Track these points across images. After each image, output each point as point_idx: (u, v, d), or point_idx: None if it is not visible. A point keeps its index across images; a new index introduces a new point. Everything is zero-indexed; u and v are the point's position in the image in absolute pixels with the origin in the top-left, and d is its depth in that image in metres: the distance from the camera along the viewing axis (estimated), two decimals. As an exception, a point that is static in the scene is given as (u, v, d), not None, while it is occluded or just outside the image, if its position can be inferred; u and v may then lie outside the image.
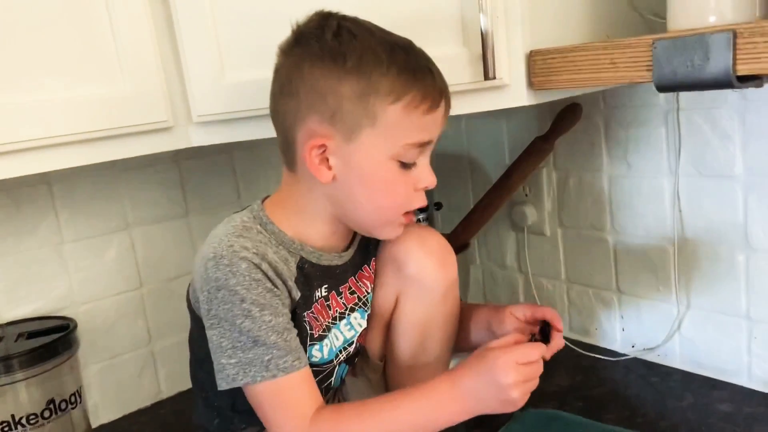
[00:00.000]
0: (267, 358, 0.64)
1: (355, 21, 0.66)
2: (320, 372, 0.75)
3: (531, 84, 0.75)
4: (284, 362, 0.64)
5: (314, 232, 0.72)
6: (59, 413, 0.86)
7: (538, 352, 0.66)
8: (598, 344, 1.13)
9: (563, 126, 1.04)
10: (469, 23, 0.74)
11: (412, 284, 0.77)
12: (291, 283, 0.68)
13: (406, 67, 0.65)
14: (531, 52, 0.75)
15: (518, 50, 0.75)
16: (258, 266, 0.64)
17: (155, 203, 1.09)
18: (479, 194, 1.11)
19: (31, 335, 0.88)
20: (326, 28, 0.64)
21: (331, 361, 0.76)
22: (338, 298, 0.75)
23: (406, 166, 0.68)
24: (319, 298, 0.73)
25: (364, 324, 0.79)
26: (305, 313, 0.71)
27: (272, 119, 0.70)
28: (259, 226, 0.69)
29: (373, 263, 0.80)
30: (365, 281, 0.79)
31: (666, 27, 0.74)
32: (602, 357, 1.09)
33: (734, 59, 0.57)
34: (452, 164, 1.31)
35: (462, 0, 0.73)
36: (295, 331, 0.67)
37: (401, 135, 0.66)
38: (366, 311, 0.79)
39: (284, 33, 0.69)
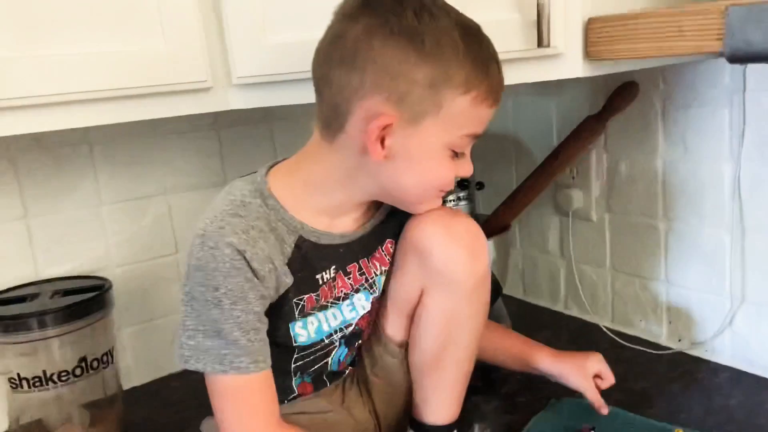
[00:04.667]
0: (224, 352, 0.61)
1: None
2: (311, 353, 0.72)
3: (588, 54, 0.71)
4: (239, 361, 0.62)
5: (322, 208, 0.68)
6: (90, 372, 0.86)
7: None
8: (642, 337, 1.08)
9: (618, 105, 0.99)
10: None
11: (437, 277, 0.69)
12: (283, 268, 0.65)
13: (479, 57, 0.62)
14: (590, 19, 0.70)
15: (576, 17, 0.70)
16: (242, 253, 0.61)
17: (193, 170, 1.08)
18: (523, 175, 1.06)
19: (67, 293, 0.88)
20: (406, 3, 0.60)
21: (321, 341, 0.72)
22: (345, 279, 0.71)
23: (456, 154, 0.65)
24: (327, 280, 0.69)
25: (368, 307, 0.74)
26: (301, 297, 0.68)
27: (319, 84, 0.65)
28: (259, 200, 0.65)
29: (387, 245, 0.75)
30: (376, 263, 0.74)
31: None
32: (646, 350, 1.04)
33: (818, 26, 0.52)
34: (496, 143, 1.26)
35: (518, -39, 0.69)
36: (262, 331, 0.64)
37: (462, 126, 0.63)
38: (372, 294, 0.74)
39: None
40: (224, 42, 0.76)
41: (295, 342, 0.69)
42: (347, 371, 0.79)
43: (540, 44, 0.69)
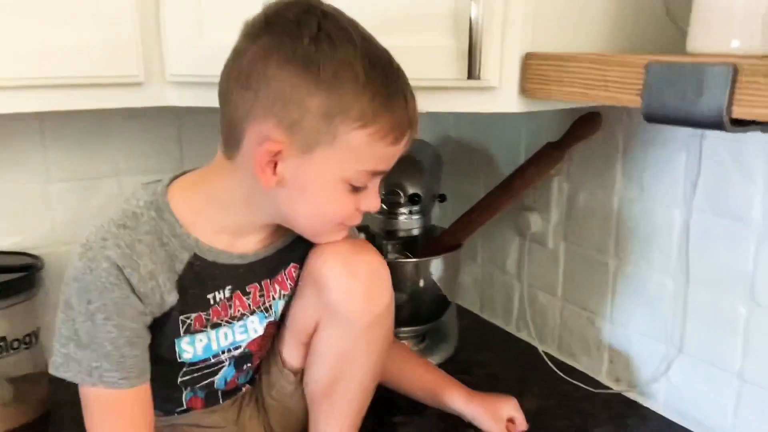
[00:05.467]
0: (94, 365, 0.61)
1: (336, 22, 0.59)
2: (198, 370, 0.71)
3: (523, 90, 0.68)
4: (110, 376, 0.61)
5: (224, 225, 0.67)
6: (11, 351, 0.86)
7: None
8: (583, 371, 1.06)
9: (578, 135, 0.96)
10: (462, 13, 0.67)
11: (331, 312, 0.68)
12: (167, 286, 0.63)
13: (383, 91, 0.59)
14: (526, 54, 0.67)
15: (514, 50, 0.68)
16: (121, 269, 0.60)
17: (150, 153, 1.08)
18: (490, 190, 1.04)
19: (-1, 270, 0.88)
20: (304, 27, 0.57)
21: (208, 359, 0.71)
22: (244, 298, 0.70)
23: (354, 189, 0.63)
24: (219, 300, 0.68)
25: (260, 330, 0.73)
26: (188, 315, 0.66)
27: (220, 99, 0.63)
28: (153, 212, 0.64)
29: (291, 270, 0.73)
30: (276, 286, 0.73)
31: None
32: (583, 386, 1.02)
33: (730, 99, 0.49)
34: (466, 154, 1.24)
35: (459, -18, 0.66)
36: (141, 346, 0.63)
37: (358, 161, 0.61)
38: (267, 317, 0.73)
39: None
40: (160, 39, 0.75)
41: (180, 358, 0.68)
42: (244, 389, 0.78)
43: (470, 76, 0.66)
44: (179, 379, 0.71)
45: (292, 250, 0.72)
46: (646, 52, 0.76)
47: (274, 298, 0.72)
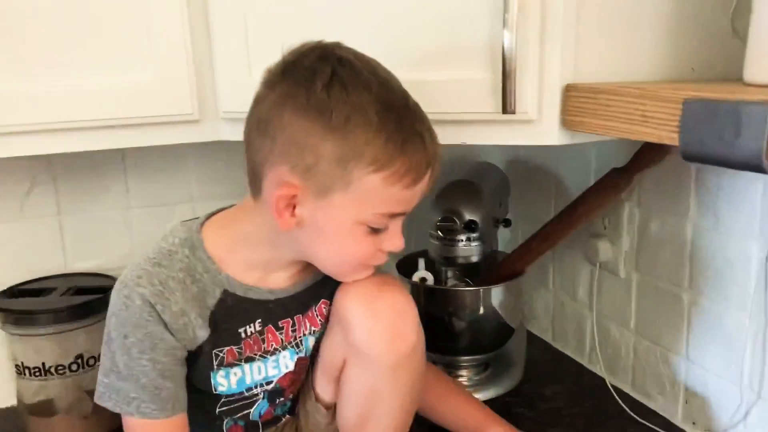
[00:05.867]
0: (132, 395, 0.64)
1: (352, 68, 0.59)
2: (234, 401, 0.72)
3: (564, 122, 0.65)
4: (146, 407, 0.64)
5: (254, 262, 0.69)
6: (87, 368, 0.93)
7: None
8: (657, 411, 0.99)
9: (645, 160, 0.90)
10: (496, 45, 0.65)
11: (356, 353, 0.68)
12: (198, 321, 0.65)
13: (396, 135, 0.59)
14: (566, 86, 0.64)
15: (554, 81, 0.65)
16: (153, 306, 0.63)
17: (221, 181, 1.13)
18: (560, 215, 1.00)
19: (79, 291, 0.95)
20: (319, 74, 0.58)
21: (242, 392, 0.72)
22: (277, 333, 0.71)
23: (374, 230, 0.63)
24: (251, 334, 0.70)
25: (291, 366, 0.73)
26: (220, 349, 0.68)
27: (244, 143, 0.66)
28: (188, 250, 0.66)
29: (321, 306, 0.74)
30: (307, 322, 0.73)
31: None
32: (657, 428, 0.95)
33: (771, 139, 0.44)
34: (537, 179, 1.20)
35: (492, 16, 0.64)
36: (175, 378, 0.66)
37: (374, 204, 0.61)
38: (298, 353, 0.74)
39: (311, 36, 0.65)
40: (213, 80, 0.78)
41: (215, 390, 0.70)
42: (284, 419, 0.80)
43: (505, 110, 0.64)
44: (217, 410, 0.73)
45: (323, 286, 0.73)
46: (712, 78, 0.70)
47: (304, 334, 0.73)
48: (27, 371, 0.91)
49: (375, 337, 0.66)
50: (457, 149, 1.24)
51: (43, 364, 0.91)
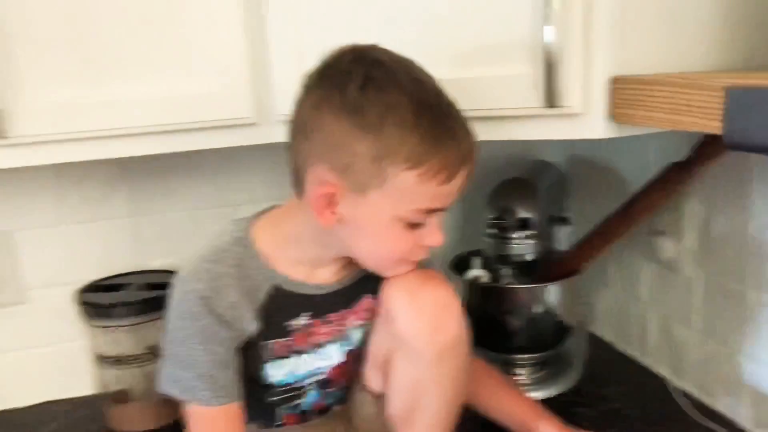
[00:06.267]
0: (191, 384, 0.68)
1: (386, 68, 0.61)
2: (284, 392, 0.75)
3: (611, 115, 0.65)
4: (203, 395, 0.67)
5: (300, 259, 0.71)
6: (158, 358, 0.99)
7: None
8: (723, 413, 0.96)
9: (705, 156, 0.87)
10: (539, 40, 0.65)
11: (400, 344, 0.70)
12: (249, 315, 0.69)
13: (430, 132, 0.60)
14: (612, 78, 0.64)
15: (599, 74, 0.65)
16: (208, 300, 0.66)
17: (282, 184, 1.15)
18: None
19: (153, 287, 1.01)
20: (353, 77, 0.61)
21: (293, 383, 0.75)
22: (324, 327, 0.74)
23: (412, 226, 0.64)
24: (298, 328, 0.72)
25: (341, 358, 0.76)
26: (270, 341, 0.71)
27: (287, 146, 0.69)
28: (239, 248, 0.70)
29: (367, 301, 0.76)
30: (353, 316, 0.76)
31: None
32: (720, 430, 0.92)
33: (816, 125, 0.43)
34: (596, 176, 1.18)
35: (534, 10, 0.65)
36: (228, 370, 0.69)
37: (410, 201, 0.63)
38: (347, 345, 0.76)
39: (360, 39, 0.68)
40: (268, 85, 0.82)
41: (267, 381, 0.74)
42: (336, 408, 0.82)
43: (549, 103, 0.64)
44: (270, 400, 0.77)
45: (368, 281, 0.75)
46: (763, 66, 0.68)
47: (351, 327, 0.76)
48: (106, 361, 0.98)
49: (418, 329, 0.68)
50: (513, 148, 1.26)
51: (120, 354, 0.97)
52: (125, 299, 0.98)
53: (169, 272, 1.07)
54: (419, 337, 0.68)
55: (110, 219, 1.08)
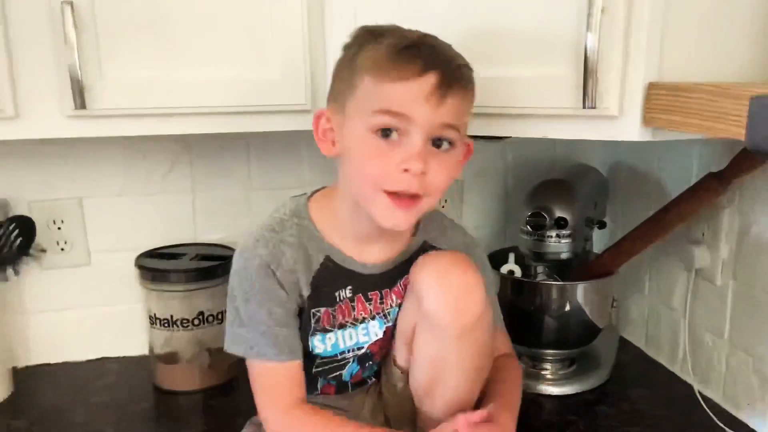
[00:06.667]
0: (253, 342, 0.74)
1: (404, 29, 0.70)
2: (328, 363, 0.81)
3: (645, 119, 0.68)
4: (266, 351, 0.73)
5: (345, 232, 0.77)
6: (206, 324, 1.06)
7: None
8: (747, 423, 0.97)
9: (743, 166, 0.89)
10: (580, 43, 0.69)
11: (425, 319, 0.74)
12: (303, 281, 0.75)
13: (396, 45, 0.68)
14: (649, 84, 0.67)
15: (637, 79, 0.68)
16: (268, 265, 0.73)
17: (331, 170, 1.22)
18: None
19: (204, 258, 1.09)
20: (375, 33, 0.71)
21: (336, 355, 0.81)
22: (366, 303, 0.79)
23: (385, 136, 0.68)
24: (344, 299, 0.78)
25: (380, 334, 0.81)
26: (318, 309, 0.77)
27: None
28: (297, 219, 0.77)
29: (405, 281, 0.80)
30: (394, 295, 0.81)
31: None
32: (744, 439, 0.93)
33: (830, 134, 0.46)
34: (638, 182, 1.20)
35: (578, 16, 0.68)
36: (290, 327, 0.75)
37: (371, 103, 0.68)
38: (386, 323, 0.81)
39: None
40: (325, 74, 0.87)
41: (313, 352, 0.80)
42: (370, 381, 0.88)
43: (585, 105, 0.68)
44: (313, 370, 0.82)
45: (410, 264, 0.79)
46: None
47: (392, 306, 0.81)
48: (158, 322, 1.06)
49: (443, 306, 0.72)
50: (557, 150, 1.29)
51: (171, 316, 1.05)
52: (179, 267, 1.06)
53: (221, 246, 1.15)
54: (444, 314, 0.72)
55: (171, 193, 1.16)
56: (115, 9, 0.81)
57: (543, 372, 1.10)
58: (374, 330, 0.81)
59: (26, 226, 1.04)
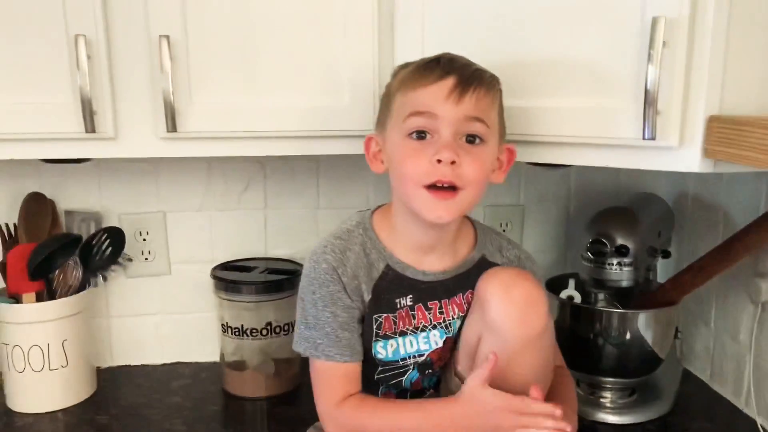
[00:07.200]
0: (318, 342, 0.79)
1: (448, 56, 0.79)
2: (389, 369, 0.85)
3: (706, 152, 0.69)
4: (329, 351, 0.79)
5: (405, 243, 0.83)
6: (273, 335, 1.12)
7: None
8: (814, 464, 0.94)
9: (812, 199, 0.88)
10: (642, 76, 0.71)
11: (490, 330, 0.77)
12: (366, 287, 0.80)
13: (419, 63, 0.78)
14: (709, 117, 0.69)
15: (698, 112, 0.70)
16: (335, 269, 0.79)
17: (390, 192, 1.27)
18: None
19: (273, 272, 1.15)
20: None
21: (397, 361, 0.84)
22: (425, 312, 0.83)
23: (421, 136, 0.76)
24: (403, 306, 0.83)
25: (440, 344, 0.85)
26: (379, 315, 0.82)
27: None
28: (361, 230, 0.83)
29: (468, 295, 0.84)
30: (455, 307, 0.85)
31: None
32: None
33: None
34: (704, 214, 1.19)
35: (639, 50, 0.71)
36: (352, 331, 0.80)
37: (404, 111, 0.77)
38: (447, 333, 0.85)
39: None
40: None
41: (376, 357, 0.84)
42: (428, 392, 0.91)
43: (644, 136, 0.70)
44: (376, 376, 0.87)
45: (468, 278, 0.84)
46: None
47: (453, 318, 0.85)
48: (229, 330, 1.13)
49: (508, 317, 0.75)
50: (621, 179, 1.29)
51: (242, 326, 1.12)
52: (251, 279, 1.13)
53: (289, 261, 1.22)
54: (508, 325, 0.75)
55: (246, 209, 1.24)
56: (206, 42, 0.89)
57: (602, 400, 1.10)
58: (435, 339, 0.86)
59: (117, 237, 1.13)
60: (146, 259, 1.21)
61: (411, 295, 0.84)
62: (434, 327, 0.85)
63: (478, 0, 0.84)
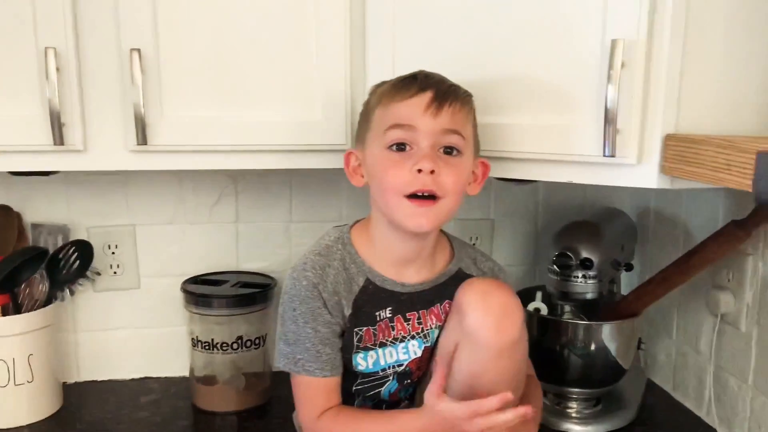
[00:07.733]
0: (299, 357, 0.81)
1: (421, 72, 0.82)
2: (369, 381, 0.87)
3: (663, 168, 0.72)
4: (309, 366, 0.80)
5: (383, 255, 0.84)
6: (244, 349, 1.12)
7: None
8: (771, 470, 0.97)
9: (763, 215, 0.92)
10: (602, 96, 0.74)
11: (467, 337, 0.78)
12: (346, 302, 0.82)
13: (396, 80, 0.81)
14: (666, 135, 0.72)
15: (655, 130, 0.73)
16: (315, 285, 0.81)
17: (366, 207, 1.28)
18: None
19: (245, 285, 1.16)
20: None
21: (377, 372, 0.86)
22: (404, 323, 0.85)
23: (401, 148, 0.78)
24: (383, 318, 0.85)
25: (419, 353, 0.87)
26: (360, 328, 0.84)
27: None
28: (340, 245, 0.85)
29: (446, 305, 0.86)
30: (433, 317, 0.87)
31: None
32: (766, 485, 0.93)
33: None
34: (666, 228, 1.22)
35: (600, 69, 0.74)
36: (332, 346, 0.81)
37: (383, 124, 0.80)
38: (425, 343, 0.87)
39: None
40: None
41: (356, 369, 0.86)
42: (403, 404, 0.92)
43: (605, 153, 0.73)
44: (354, 388, 0.88)
45: (446, 288, 0.86)
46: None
47: (431, 327, 0.87)
48: (200, 344, 1.12)
49: (483, 326, 0.77)
50: (587, 195, 1.33)
51: (212, 340, 1.11)
52: (222, 293, 1.12)
53: (261, 275, 1.22)
54: (484, 332, 0.77)
55: (217, 223, 1.24)
56: (178, 56, 0.90)
57: (568, 410, 1.12)
58: (413, 349, 0.87)
59: (85, 250, 1.12)
60: (115, 273, 1.20)
61: (390, 307, 0.85)
62: (413, 337, 0.87)
63: (446, 20, 0.86)
